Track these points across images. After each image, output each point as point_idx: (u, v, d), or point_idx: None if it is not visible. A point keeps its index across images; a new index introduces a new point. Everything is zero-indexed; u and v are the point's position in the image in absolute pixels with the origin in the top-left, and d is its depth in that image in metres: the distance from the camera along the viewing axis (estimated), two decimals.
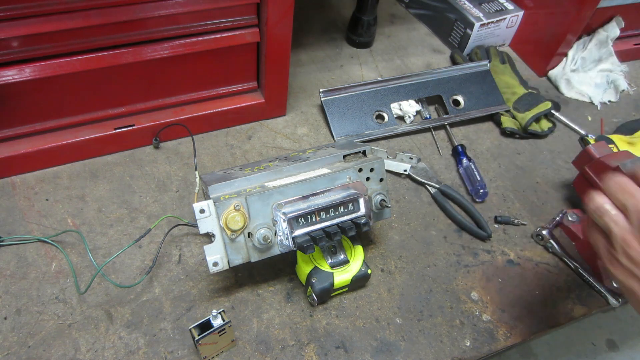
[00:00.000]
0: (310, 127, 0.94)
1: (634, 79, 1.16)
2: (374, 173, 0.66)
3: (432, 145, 0.95)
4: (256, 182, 0.63)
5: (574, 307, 0.74)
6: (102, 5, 0.66)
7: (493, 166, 0.92)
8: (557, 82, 1.10)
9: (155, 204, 0.78)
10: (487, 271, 0.77)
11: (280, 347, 0.65)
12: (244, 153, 0.88)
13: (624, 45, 1.16)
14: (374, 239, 0.78)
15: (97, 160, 0.83)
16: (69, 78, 0.71)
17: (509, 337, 0.69)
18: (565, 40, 1.05)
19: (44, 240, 0.70)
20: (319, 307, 0.69)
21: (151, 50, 0.74)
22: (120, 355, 0.62)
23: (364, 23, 1.08)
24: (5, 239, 0.70)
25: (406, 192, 0.86)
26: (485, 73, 1.02)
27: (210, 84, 0.86)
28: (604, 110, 1.08)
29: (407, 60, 1.12)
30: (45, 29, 0.64)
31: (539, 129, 0.98)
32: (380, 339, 0.67)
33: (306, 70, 1.05)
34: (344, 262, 0.67)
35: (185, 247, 0.74)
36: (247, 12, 0.77)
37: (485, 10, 1.10)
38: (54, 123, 0.78)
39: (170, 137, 0.87)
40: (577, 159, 0.83)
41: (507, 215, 0.83)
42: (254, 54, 0.84)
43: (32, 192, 0.77)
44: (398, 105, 0.97)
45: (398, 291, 0.72)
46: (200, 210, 0.58)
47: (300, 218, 0.62)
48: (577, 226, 0.81)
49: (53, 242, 0.71)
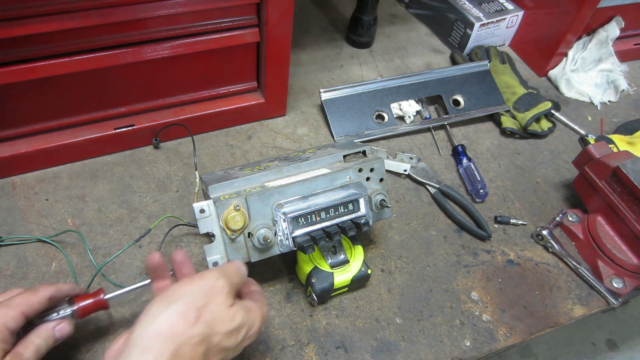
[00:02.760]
0: (310, 127, 0.94)
1: (634, 79, 1.16)
2: (374, 173, 0.66)
3: (432, 145, 0.95)
4: (256, 182, 0.63)
5: (574, 307, 0.74)
6: (102, 5, 0.66)
7: (493, 166, 0.92)
8: (557, 82, 1.10)
9: (155, 204, 0.78)
10: (487, 271, 0.77)
11: (280, 347, 0.65)
12: (244, 153, 0.88)
13: (624, 45, 1.16)
14: (374, 239, 0.78)
15: (97, 160, 0.83)
16: (69, 78, 0.71)
17: (509, 337, 0.69)
18: (565, 40, 1.05)
19: (44, 240, 0.70)
20: (319, 307, 0.69)
21: (151, 50, 0.74)
22: None
23: (364, 23, 1.08)
24: (5, 239, 0.70)
25: (406, 192, 0.86)
26: (485, 73, 1.02)
27: (210, 84, 0.86)
28: (604, 110, 1.08)
29: (407, 60, 1.12)
30: (45, 29, 0.64)
31: (539, 129, 0.98)
32: (380, 339, 0.67)
33: (306, 70, 1.05)
34: (344, 262, 0.67)
35: (185, 247, 0.74)
36: (247, 12, 0.77)
37: (485, 10, 1.10)
38: (54, 123, 0.78)
39: (170, 137, 0.87)
40: (577, 159, 0.83)
41: (507, 215, 0.83)
42: (254, 54, 0.84)
43: (32, 192, 0.77)
44: (398, 105, 0.97)
45: (398, 291, 0.72)
46: (200, 210, 0.58)
47: (300, 218, 0.62)
48: (577, 226, 0.81)
49: (53, 242, 0.71)
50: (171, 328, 0.42)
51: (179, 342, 0.42)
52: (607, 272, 0.76)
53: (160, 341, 0.42)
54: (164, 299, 0.45)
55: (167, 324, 0.43)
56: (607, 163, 0.76)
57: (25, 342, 0.51)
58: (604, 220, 0.78)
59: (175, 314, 0.43)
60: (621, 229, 0.75)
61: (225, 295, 0.48)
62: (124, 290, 0.58)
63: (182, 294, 0.46)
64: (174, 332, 0.42)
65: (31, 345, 0.50)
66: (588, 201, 0.81)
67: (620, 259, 0.74)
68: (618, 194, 0.75)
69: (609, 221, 0.77)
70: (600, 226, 0.78)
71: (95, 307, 0.56)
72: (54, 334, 0.52)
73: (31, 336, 0.51)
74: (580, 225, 0.81)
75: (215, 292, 0.47)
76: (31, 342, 0.50)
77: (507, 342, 0.69)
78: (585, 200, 0.81)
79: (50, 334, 0.52)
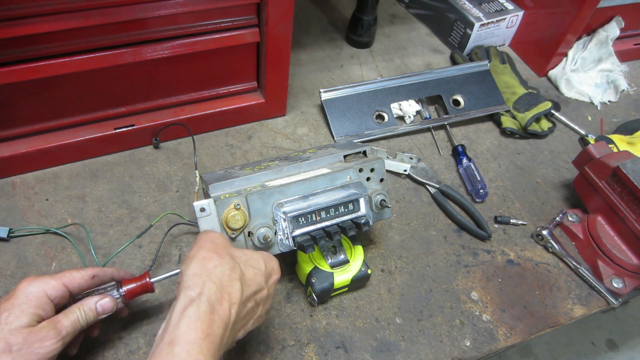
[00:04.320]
0: (310, 127, 0.94)
1: (634, 79, 1.16)
2: (374, 173, 0.66)
3: (432, 145, 0.95)
4: (256, 182, 0.63)
5: (574, 307, 0.74)
6: (102, 5, 0.66)
7: (493, 166, 0.92)
8: (557, 82, 1.10)
9: (155, 204, 0.78)
10: (487, 271, 0.77)
11: (280, 347, 0.65)
12: (244, 153, 0.88)
13: (624, 45, 1.16)
14: (374, 239, 0.78)
15: (97, 160, 0.83)
16: (69, 78, 0.71)
17: (509, 337, 0.69)
18: (565, 40, 1.05)
19: (53, 231, 0.71)
20: (319, 307, 0.69)
21: (151, 50, 0.74)
22: (120, 355, 0.62)
23: (364, 23, 1.08)
24: (16, 231, 0.71)
25: (406, 192, 0.86)
26: (485, 73, 1.02)
27: (210, 84, 0.86)
28: (604, 110, 1.08)
29: (407, 60, 1.12)
30: (45, 29, 0.64)
31: (539, 129, 0.98)
32: (380, 339, 0.67)
33: (306, 70, 1.05)
34: (344, 262, 0.67)
35: (185, 247, 0.74)
36: (247, 12, 0.77)
37: (485, 10, 1.10)
38: (54, 123, 0.78)
39: (170, 137, 0.87)
40: (577, 159, 0.83)
41: (507, 215, 0.83)
42: (254, 54, 0.84)
43: (32, 192, 0.77)
44: (398, 105, 0.97)
45: (398, 291, 0.72)
46: (200, 209, 0.58)
47: (300, 217, 0.62)
48: (577, 226, 0.81)
49: (63, 233, 0.71)
50: (204, 267, 0.48)
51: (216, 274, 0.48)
52: (607, 272, 0.76)
53: (199, 278, 0.47)
54: (188, 258, 0.51)
55: (199, 267, 0.49)
56: (607, 163, 0.76)
57: (65, 311, 0.53)
58: (604, 220, 0.78)
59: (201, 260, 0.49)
60: (621, 229, 0.75)
61: (225, 238, 0.54)
62: (167, 274, 0.60)
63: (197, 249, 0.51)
64: (207, 269, 0.48)
65: (71, 315, 0.52)
66: (588, 201, 0.81)
67: (620, 259, 0.74)
68: (618, 194, 0.75)
69: (609, 221, 0.77)
70: (600, 226, 0.78)
71: (142, 290, 0.59)
72: (96, 307, 0.54)
73: (72, 307, 0.53)
74: (580, 225, 0.81)
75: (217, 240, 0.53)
76: (71, 312, 0.53)
77: (507, 342, 0.69)
78: (585, 200, 0.81)
79: (92, 307, 0.54)
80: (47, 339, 0.49)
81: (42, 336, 0.49)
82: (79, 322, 0.53)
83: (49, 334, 0.50)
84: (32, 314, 0.50)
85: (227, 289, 0.48)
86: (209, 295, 0.46)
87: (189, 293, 0.46)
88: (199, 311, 0.45)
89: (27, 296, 0.50)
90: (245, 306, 0.50)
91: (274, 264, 0.56)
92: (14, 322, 0.48)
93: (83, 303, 0.54)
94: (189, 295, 0.46)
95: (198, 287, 0.47)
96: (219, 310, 0.46)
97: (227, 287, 0.48)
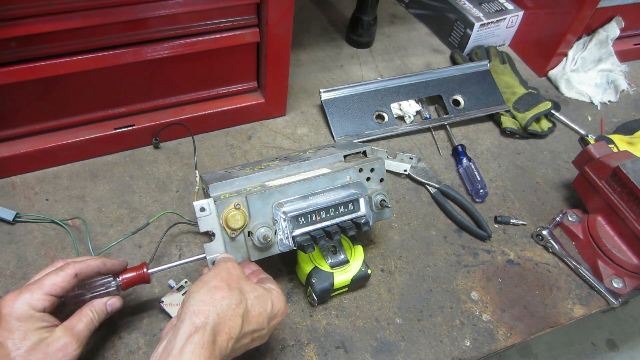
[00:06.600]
0: (310, 127, 0.94)
1: (634, 79, 1.16)
2: (374, 173, 0.66)
3: (432, 145, 0.95)
4: (256, 181, 0.63)
5: (574, 307, 0.74)
6: (102, 5, 0.66)
7: (493, 166, 0.92)
8: (557, 82, 1.10)
9: (155, 204, 0.78)
10: (487, 271, 0.77)
11: (280, 347, 0.65)
12: (244, 153, 0.88)
13: (624, 45, 1.16)
14: (374, 239, 0.78)
15: (97, 160, 0.83)
16: (69, 78, 0.71)
17: (509, 337, 0.69)
18: (565, 40, 1.05)
19: (57, 222, 0.72)
20: (319, 307, 0.69)
21: (151, 50, 0.74)
22: (120, 355, 0.62)
23: (364, 23, 1.08)
24: (22, 216, 0.72)
25: (406, 192, 0.86)
26: (485, 73, 1.02)
27: (210, 84, 0.86)
28: (604, 110, 1.08)
29: (407, 60, 1.12)
30: (45, 29, 0.64)
31: (539, 129, 0.98)
32: (380, 339, 0.67)
33: (306, 70, 1.05)
34: (344, 262, 0.67)
35: (185, 246, 0.74)
36: (247, 12, 0.77)
37: (485, 10, 1.10)
38: (54, 123, 0.78)
39: (170, 137, 0.87)
40: (577, 159, 0.83)
41: (507, 215, 0.83)
42: (254, 54, 0.84)
43: (32, 192, 0.77)
44: (398, 105, 0.97)
45: (398, 291, 0.72)
46: (200, 208, 0.58)
47: (300, 217, 0.62)
48: (577, 226, 0.81)
49: (64, 225, 0.72)
50: (212, 297, 0.50)
51: (221, 306, 0.49)
52: (607, 272, 0.76)
53: (205, 306, 0.49)
54: (200, 281, 0.53)
55: (207, 295, 0.50)
56: (607, 163, 0.76)
57: (78, 315, 0.54)
58: (604, 220, 0.78)
59: (212, 288, 0.51)
60: (621, 229, 0.75)
61: (241, 271, 0.55)
62: (165, 267, 0.62)
63: (211, 277, 0.53)
64: (214, 299, 0.50)
65: (84, 318, 0.54)
66: (588, 201, 0.81)
67: (620, 259, 0.74)
68: (618, 194, 0.75)
69: (609, 221, 0.77)
70: (600, 226, 0.78)
71: (138, 280, 0.60)
72: (106, 308, 0.57)
73: (85, 309, 0.55)
74: (580, 225, 0.81)
75: (233, 271, 0.54)
76: (84, 315, 0.54)
77: (507, 342, 0.69)
78: (585, 200, 0.81)
79: (102, 308, 0.56)
80: (69, 346, 0.51)
81: (63, 345, 0.50)
82: (93, 324, 0.55)
83: (69, 341, 0.51)
84: (35, 330, 0.50)
85: (229, 322, 0.49)
86: (213, 325, 0.48)
87: (194, 320, 0.48)
88: (204, 339, 0.46)
89: (18, 319, 0.50)
90: (240, 342, 0.51)
91: (281, 306, 0.56)
92: (24, 344, 0.49)
93: (94, 304, 0.56)
94: (194, 322, 0.48)
95: (203, 316, 0.48)
96: (218, 341, 0.48)
97: (228, 321, 0.49)
